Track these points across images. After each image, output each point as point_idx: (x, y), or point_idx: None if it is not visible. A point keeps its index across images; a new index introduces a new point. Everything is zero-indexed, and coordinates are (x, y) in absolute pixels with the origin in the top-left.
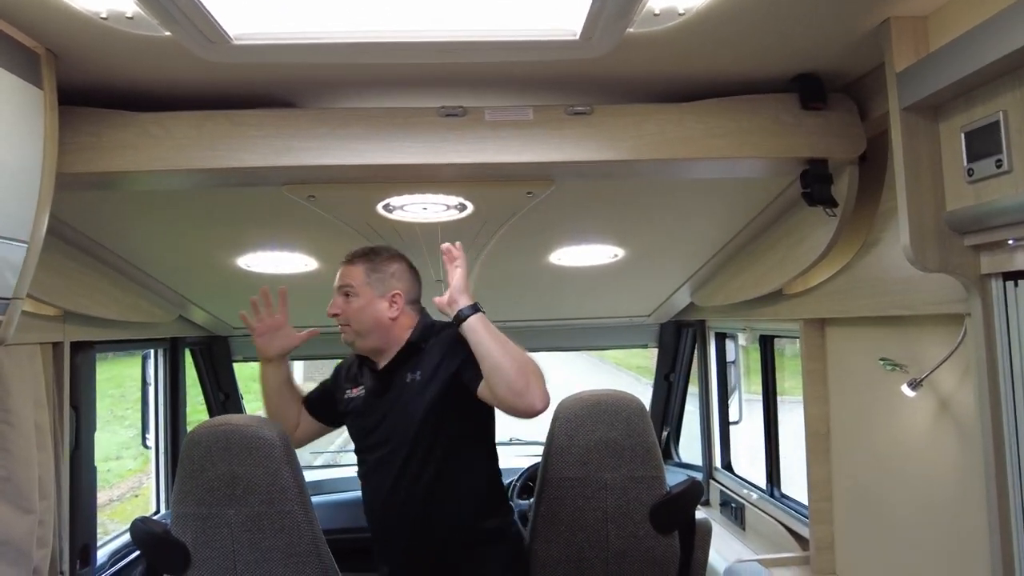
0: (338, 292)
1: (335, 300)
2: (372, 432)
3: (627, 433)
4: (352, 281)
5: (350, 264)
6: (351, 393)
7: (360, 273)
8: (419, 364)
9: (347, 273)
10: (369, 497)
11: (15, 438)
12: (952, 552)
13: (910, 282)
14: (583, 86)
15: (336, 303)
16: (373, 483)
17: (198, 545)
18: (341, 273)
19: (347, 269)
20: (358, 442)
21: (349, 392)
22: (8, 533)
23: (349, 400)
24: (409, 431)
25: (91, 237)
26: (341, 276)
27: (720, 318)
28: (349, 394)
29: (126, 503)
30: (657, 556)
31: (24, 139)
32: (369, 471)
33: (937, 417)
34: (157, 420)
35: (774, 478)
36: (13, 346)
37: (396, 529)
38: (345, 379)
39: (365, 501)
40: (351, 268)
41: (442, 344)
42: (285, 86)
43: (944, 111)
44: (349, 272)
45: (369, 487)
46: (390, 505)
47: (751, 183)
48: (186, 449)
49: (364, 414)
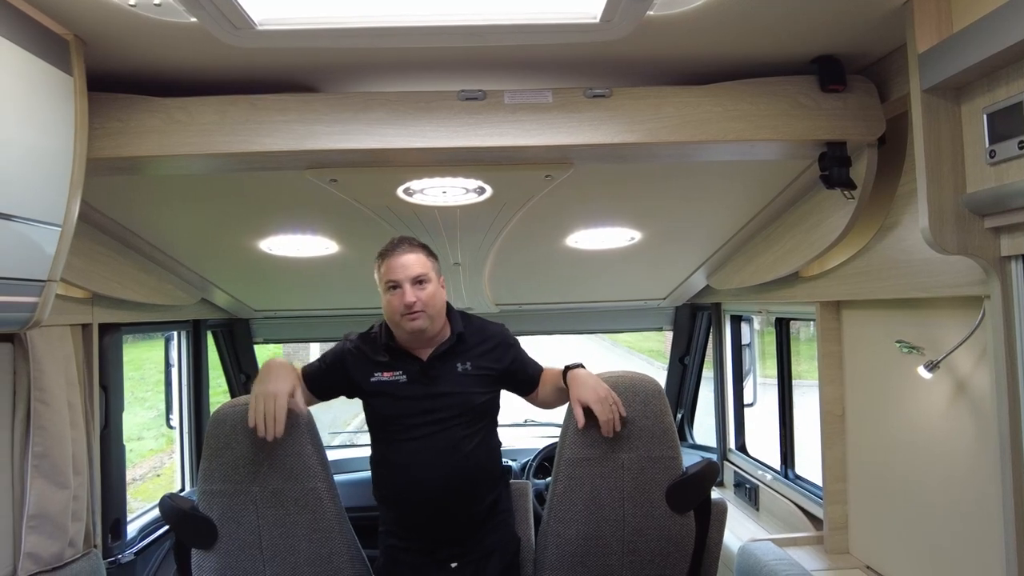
0: (410, 282)
1: (408, 290)
2: (418, 412)
3: (644, 414)
4: (423, 268)
5: (412, 252)
6: (382, 376)
7: (426, 259)
8: (466, 355)
9: (416, 261)
10: (403, 463)
11: (50, 416)
12: (966, 533)
13: (928, 264)
14: (602, 69)
15: (411, 292)
16: (411, 453)
17: (224, 521)
18: (404, 263)
19: (414, 258)
20: (393, 419)
21: (378, 376)
22: (45, 507)
23: (380, 383)
24: (465, 413)
25: (119, 222)
26: (407, 266)
27: (736, 301)
28: (379, 377)
29: (148, 482)
30: (673, 535)
31: (56, 125)
32: (406, 443)
33: (953, 399)
34: (181, 400)
35: (788, 459)
36: (46, 327)
37: (434, 490)
38: (367, 364)
39: (394, 468)
40: (417, 256)
41: (487, 342)
42: (307, 70)
43: (966, 92)
44: (418, 260)
45: (401, 457)
46: (433, 468)
47: (769, 166)
48: (211, 428)
49: (406, 396)
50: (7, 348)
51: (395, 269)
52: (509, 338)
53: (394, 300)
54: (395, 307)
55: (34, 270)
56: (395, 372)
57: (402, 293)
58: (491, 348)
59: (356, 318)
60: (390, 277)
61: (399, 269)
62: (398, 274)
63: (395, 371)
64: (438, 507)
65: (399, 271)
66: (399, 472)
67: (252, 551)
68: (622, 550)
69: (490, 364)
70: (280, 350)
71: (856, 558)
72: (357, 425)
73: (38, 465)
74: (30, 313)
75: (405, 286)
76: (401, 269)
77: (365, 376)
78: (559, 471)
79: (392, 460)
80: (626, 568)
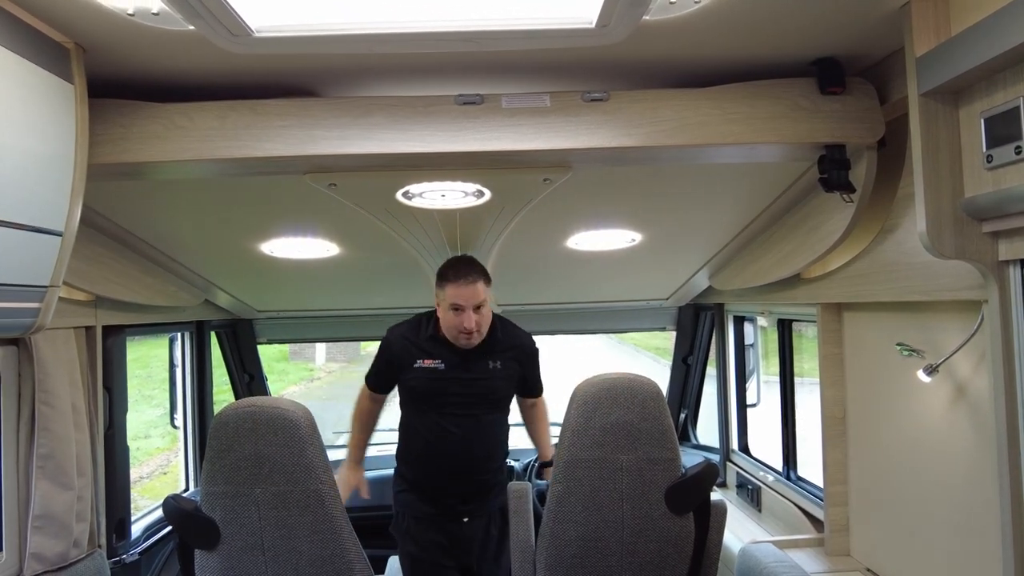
0: (473, 310)
1: (470, 315)
2: (452, 394)
3: (643, 416)
4: (484, 295)
5: (476, 283)
6: (424, 363)
7: (484, 287)
8: (498, 355)
9: (480, 292)
10: (429, 433)
11: (55, 418)
12: (965, 536)
13: (928, 268)
14: (599, 72)
15: (472, 319)
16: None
17: (227, 522)
18: (470, 293)
19: (477, 287)
20: (428, 397)
21: (421, 362)
22: (50, 508)
23: (422, 368)
24: (489, 399)
25: (121, 225)
26: (472, 295)
27: (738, 302)
28: (421, 364)
29: (155, 480)
30: (672, 536)
31: (56, 132)
32: (435, 416)
33: (953, 403)
34: (185, 400)
35: (790, 460)
36: (50, 330)
37: (455, 456)
38: (413, 352)
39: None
40: (479, 286)
41: (517, 350)
42: (306, 75)
43: (964, 96)
44: (480, 289)
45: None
46: (458, 441)
47: (769, 168)
48: (213, 430)
49: (444, 379)
50: (12, 351)
51: (462, 296)
52: (533, 348)
53: (455, 320)
54: (454, 324)
55: (36, 276)
56: (436, 360)
57: (464, 316)
58: (518, 353)
59: (359, 318)
60: (456, 302)
61: (466, 298)
62: (464, 301)
63: (436, 359)
64: (456, 471)
65: (465, 299)
66: (426, 439)
67: (255, 552)
68: (621, 551)
69: (515, 365)
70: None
71: (856, 560)
72: None
73: (43, 467)
74: (33, 318)
75: (468, 311)
76: (467, 299)
77: (408, 362)
78: (558, 472)
79: (421, 429)
80: (626, 569)
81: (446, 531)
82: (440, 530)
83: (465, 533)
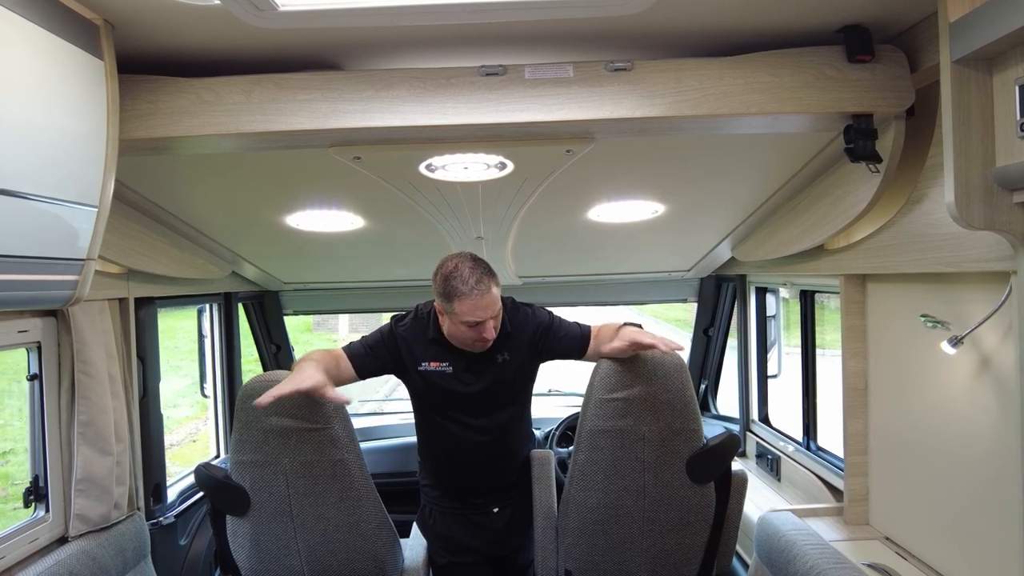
0: (492, 319)
1: (489, 325)
2: (463, 397)
3: (665, 387)
4: (498, 305)
5: (492, 289)
6: (429, 367)
7: (498, 293)
8: (507, 346)
9: (494, 300)
10: (445, 440)
11: (93, 387)
12: (986, 507)
13: (955, 239)
14: (623, 42)
15: (491, 329)
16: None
17: (256, 490)
18: (487, 303)
19: (492, 297)
20: (439, 404)
21: (425, 365)
22: (91, 472)
23: (427, 372)
24: (503, 396)
25: (151, 200)
26: (488, 306)
27: (760, 273)
28: (427, 367)
29: (185, 448)
30: (693, 505)
31: (88, 108)
32: (448, 423)
33: (976, 375)
34: (214, 371)
35: (811, 431)
36: (86, 302)
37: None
38: (415, 351)
39: (438, 444)
40: (493, 296)
41: (526, 331)
42: (330, 49)
43: (998, 63)
44: (495, 299)
45: (443, 434)
46: (473, 446)
47: (793, 138)
48: (240, 402)
49: (451, 386)
50: (51, 323)
51: (479, 310)
52: (545, 322)
53: (471, 333)
54: (471, 337)
55: (74, 249)
56: (442, 363)
57: (484, 328)
58: (530, 337)
59: (383, 290)
60: (473, 317)
61: (484, 310)
62: (482, 315)
63: (442, 362)
64: (478, 474)
65: (484, 311)
66: (442, 446)
67: (283, 519)
68: (643, 519)
69: (526, 353)
70: (309, 322)
71: (875, 529)
72: (386, 393)
73: (83, 433)
74: (72, 290)
75: (488, 323)
76: (486, 310)
77: (413, 363)
78: (580, 441)
79: (435, 435)
80: (647, 536)
81: (475, 524)
82: (468, 524)
83: (495, 524)
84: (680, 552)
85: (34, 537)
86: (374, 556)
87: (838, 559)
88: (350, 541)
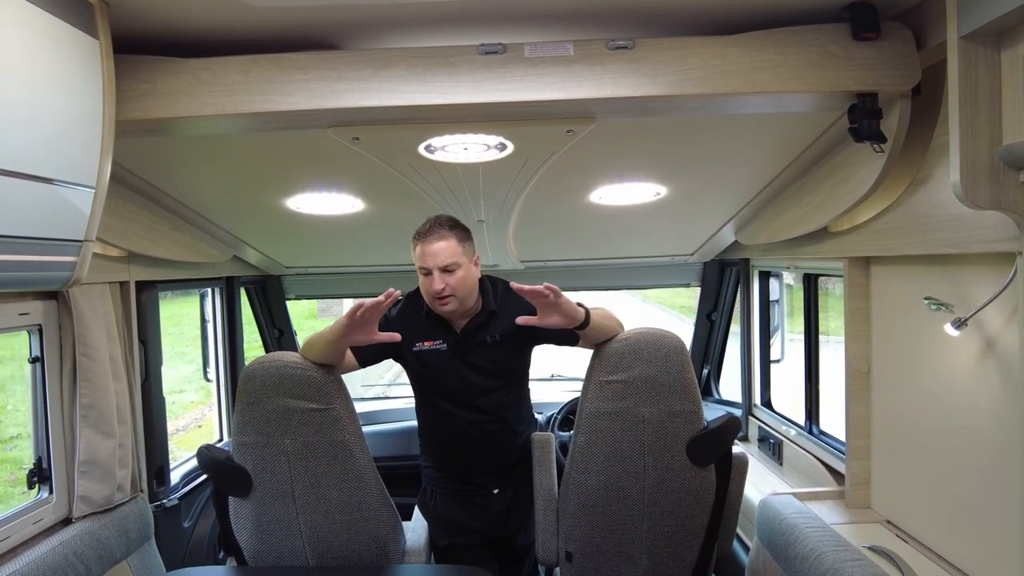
0: (440, 270)
1: (438, 277)
2: (456, 381)
3: (665, 369)
4: (452, 256)
5: (443, 240)
6: (423, 346)
7: (456, 245)
8: (495, 327)
9: (445, 250)
10: (443, 423)
11: (95, 369)
12: (988, 491)
13: (960, 220)
14: (625, 19)
15: (440, 280)
16: (450, 415)
17: (258, 471)
18: (435, 250)
19: (443, 245)
20: (438, 385)
21: (420, 345)
22: (94, 454)
23: (422, 352)
24: (496, 379)
25: (150, 182)
26: (436, 253)
27: (764, 256)
28: (421, 347)
29: (191, 433)
30: (693, 487)
31: (84, 88)
32: (445, 405)
33: (980, 357)
34: (217, 355)
35: (813, 415)
36: (86, 285)
37: (473, 443)
38: (411, 333)
39: (437, 426)
40: (447, 244)
41: (513, 311)
42: (328, 28)
43: (1007, 39)
44: (447, 248)
45: (441, 417)
46: (471, 427)
47: (797, 118)
48: (242, 383)
49: (446, 366)
50: (52, 305)
51: (426, 256)
52: None
53: (426, 284)
54: (427, 290)
55: (72, 230)
56: (435, 341)
57: (432, 280)
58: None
59: (385, 274)
60: (422, 263)
61: (429, 257)
62: (428, 262)
63: (435, 340)
64: (477, 455)
65: (429, 259)
66: (440, 428)
67: (285, 500)
68: (643, 501)
69: (518, 332)
70: (314, 308)
71: (877, 512)
72: (391, 378)
73: (86, 415)
74: (70, 272)
75: (434, 273)
76: (431, 257)
77: (408, 344)
78: (580, 423)
79: (434, 417)
80: (646, 519)
81: (475, 505)
82: (469, 506)
83: (495, 506)
84: (680, 534)
85: (38, 518)
86: (376, 537)
87: (839, 542)
88: (352, 522)
